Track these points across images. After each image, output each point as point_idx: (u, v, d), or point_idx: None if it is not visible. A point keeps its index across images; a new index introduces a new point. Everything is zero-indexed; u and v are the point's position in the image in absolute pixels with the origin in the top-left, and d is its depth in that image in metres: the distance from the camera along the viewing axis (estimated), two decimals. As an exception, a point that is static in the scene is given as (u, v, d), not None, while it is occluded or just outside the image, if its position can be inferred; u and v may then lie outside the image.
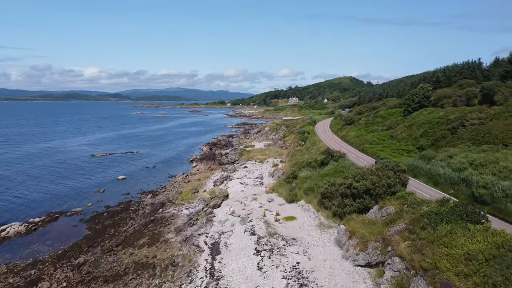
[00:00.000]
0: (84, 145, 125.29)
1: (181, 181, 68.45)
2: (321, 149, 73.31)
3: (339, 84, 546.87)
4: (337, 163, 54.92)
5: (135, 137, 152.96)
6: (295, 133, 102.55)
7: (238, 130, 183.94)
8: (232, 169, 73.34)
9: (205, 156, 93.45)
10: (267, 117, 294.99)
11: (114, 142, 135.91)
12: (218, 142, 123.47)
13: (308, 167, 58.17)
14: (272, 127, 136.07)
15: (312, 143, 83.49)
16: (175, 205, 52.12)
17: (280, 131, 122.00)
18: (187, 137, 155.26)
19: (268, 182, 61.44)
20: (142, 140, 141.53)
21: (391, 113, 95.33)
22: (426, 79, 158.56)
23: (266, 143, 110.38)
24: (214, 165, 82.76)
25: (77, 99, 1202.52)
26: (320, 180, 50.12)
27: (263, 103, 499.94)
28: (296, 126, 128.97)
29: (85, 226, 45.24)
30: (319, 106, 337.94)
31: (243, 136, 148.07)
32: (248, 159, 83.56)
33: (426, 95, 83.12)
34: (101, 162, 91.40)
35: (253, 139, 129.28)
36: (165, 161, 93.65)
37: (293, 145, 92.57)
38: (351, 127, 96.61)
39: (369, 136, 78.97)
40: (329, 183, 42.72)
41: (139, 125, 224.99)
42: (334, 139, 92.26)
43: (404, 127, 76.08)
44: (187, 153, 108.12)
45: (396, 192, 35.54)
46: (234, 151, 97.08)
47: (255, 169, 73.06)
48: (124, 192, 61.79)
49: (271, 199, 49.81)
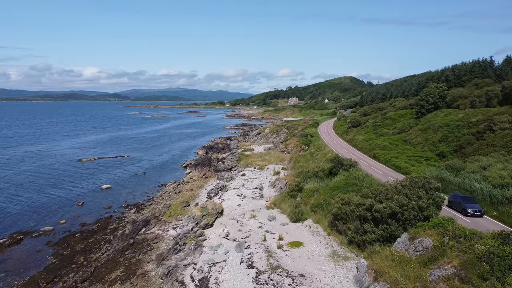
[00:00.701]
0: (73, 148, 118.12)
1: (172, 192, 61.24)
2: (327, 155, 66.16)
3: (339, 84, 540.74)
4: (348, 174, 47.77)
5: (128, 140, 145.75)
6: (298, 136, 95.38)
7: (237, 131, 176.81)
8: (229, 178, 66.13)
9: (200, 162, 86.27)
10: (267, 117, 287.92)
11: (106, 145, 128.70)
12: (215, 145, 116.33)
13: (314, 178, 51.01)
14: (273, 129, 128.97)
15: (317, 148, 76.29)
16: (161, 223, 44.89)
17: (281, 134, 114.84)
18: (183, 139, 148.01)
19: (268, 194, 54.22)
20: (136, 143, 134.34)
21: (401, 114, 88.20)
22: (434, 78, 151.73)
23: (266, 146, 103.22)
24: (210, 172, 75.55)
25: (76, 99, 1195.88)
26: (330, 194, 42.98)
27: (263, 104, 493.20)
28: (298, 128, 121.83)
29: (51, 251, 37.96)
30: (319, 106, 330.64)
31: (242, 138, 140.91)
32: (247, 165, 76.40)
33: (441, 95, 75.96)
34: (87, 168, 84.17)
35: (252, 142, 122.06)
36: (156, 167, 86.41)
37: (296, 149, 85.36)
38: (358, 130, 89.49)
39: (379, 141, 71.82)
40: (342, 201, 35.52)
41: (135, 126, 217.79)
42: (340, 143, 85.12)
43: (418, 130, 68.94)
44: (182, 157, 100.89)
45: (429, 217, 28.42)
46: (231, 155, 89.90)
47: (254, 178, 65.85)
48: (106, 205, 54.53)
49: (273, 217, 42.61)
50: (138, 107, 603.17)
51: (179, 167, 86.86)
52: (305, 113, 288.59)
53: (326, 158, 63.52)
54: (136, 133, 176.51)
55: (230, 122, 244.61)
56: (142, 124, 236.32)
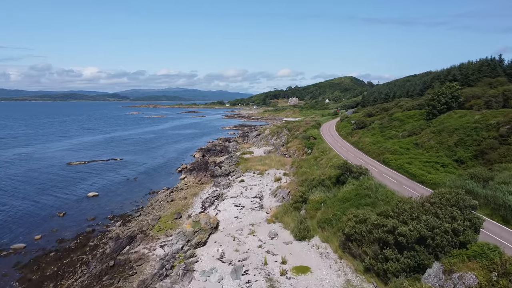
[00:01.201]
0: (65, 151, 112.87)
1: (163, 200, 56.07)
2: (333, 160, 61.01)
3: (340, 84, 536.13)
4: (359, 183, 42.62)
5: (124, 141, 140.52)
6: (300, 138, 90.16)
7: (236, 132, 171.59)
8: (226, 184, 60.93)
9: (196, 166, 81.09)
10: (266, 118, 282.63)
11: (100, 146, 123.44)
12: (212, 147, 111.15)
13: (320, 186, 45.90)
14: (273, 130, 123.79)
15: (321, 151, 71.08)
16: (148, 240, 39.71)
17: (281, 135, 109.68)
18: (180, 141, 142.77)
19: (269, 204, 49.05)
20: (131, 145, 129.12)
21: (410, 115, 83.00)
22: (440, 77, 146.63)
23: (266, 149, 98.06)
24: (206, 177, 70.39)
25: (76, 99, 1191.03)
26: (339, 207, 37.87)
27: (263, 104, 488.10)
28: (299, 129, 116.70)
29: (17, 275, 32.78)
30: (320, 106, 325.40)
31: (241, 140, 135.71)
32: (246, 170, 71.25)
33: (454, 95, 70.76)
34: (75, 173, 78.97)
35: (252, 144, 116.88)
36: (149, 171, 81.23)
37: (298, 153, 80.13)
38: (364, 132, 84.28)
39: (388, 144, 66.63)
40: (356, 218, 30.39)
41: (131, 127, 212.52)
42: (345, 146, 79.97)
43: (431, 133, 63.79)
44: (177, 160, 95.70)
45: (467, 243, 23.31)
46: (229, 159, 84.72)
47: (253, 184, 60.67)
48: (89, 217, 49.35)
49: (275, 234, 37.47)
50: (137, 107, 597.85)
51: (173, 171, 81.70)
52: (305, 113, 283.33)
53: (332, 163, 58.37)
54: (132, 134, 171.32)
55: (229, 123, 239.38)
56: (139, 125, 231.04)
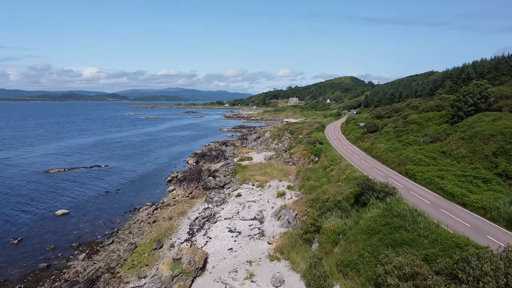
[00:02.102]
0: (47, 155, 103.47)
1: (144, 221, 46.77)
2: (346, 171, 51.66)
3: (340, 84, 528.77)
4: (386, 206, 33.37)
5: (114, 144, 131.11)
6: (304, 143, 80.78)
7: (234, 134, 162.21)
8: (220, 200, 51.57)
9: (188, 174, 71.78)
10: (266, 119, 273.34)
11: (86, 151, 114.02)
12: (208, 152, 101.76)
13: (336, 209, 36.61)
14: (274, 132, 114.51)
15: (330, 160, 61.68)
16: (113, 284, 30.42)
17: (283, 139, 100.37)
18: (174, 144, 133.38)
19: (271, 229, 39.71)
20: (121, 148, 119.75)
21: (428, 118, 73.81)
22: (452, 76, 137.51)
23: (267, 154, 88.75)
24: (197, 189, 61.09)
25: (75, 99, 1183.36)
26: (365, 243, 28.62)
27: (262, 104, 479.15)
28: (303, 132, 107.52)
29: None
30: (321, 107, 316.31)
31: (239, 143, 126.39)
32: (244, 181, 61.93)
33: (484, 94, 61.45)
34: (50, 183, 69.60)
35: (251, 148, 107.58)
36: (135, 181, 71.88)
37: (303, 160, 70.79)
38: (377, 137, 75.02)
39: (409, 152, 57.30)
40: (400, 271, 21.12)
41: (126, 128, 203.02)
42: (356, 152, 70.71)
43: (460, 139, 54.51)
44: (168, 167, 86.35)
45: None
46: (226, 166, 75.43)
47: (252, 201, 51.31)
48: (50, 245, 39.99)
49: (280, 280, 28.15)
50: (135, 107, 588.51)
51: (162, 181, 72.34)
52: (306, 114, 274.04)
53: (345, 175, 49.07)
54: (125, 136, 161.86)
55: (228, 124, 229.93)
56: (134, 126, 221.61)
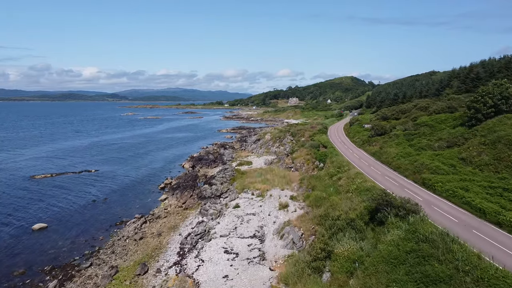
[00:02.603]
0: (36, 159, 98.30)
1: (130, 237, 41.65)
2: (356, 180, 46.50)
3: (340, 84, 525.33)
4: (409, 227, 28.28)
5: (108, 146, 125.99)
6: (307, 147, 75.55)
7: (233, 136, 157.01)
8: (216, 213, 46.40)
9: (182, 181, 66.65)
10: (266, 119, 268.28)
11: (79, 153, 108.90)
12: (205, 155, 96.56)
13: (349, 229, 31.47)
14: (274, 134, 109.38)
15: (337, 166, 56.46)
16: (84, 324, 25.31)
17: (285, 142, 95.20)
18: (171, 146, 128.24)
19: (274, 251, 34.53)
20: (114, 151, 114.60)
21: (441, 120, 68.76)
22: (459, 76, 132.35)
23: (268, 158, 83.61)
24: (192, 199, 55.98)
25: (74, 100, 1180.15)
26: (388, 277, 23.48)
27: (262, 104, 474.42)
28: (305, 134, 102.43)
29: None
30: (322, 107, 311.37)
31: (238, 145, 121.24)
32: (242, 190, 56.80)
33: (504, 95, 56.31)
34: (34, 190, 64.48)
35: (250, 152, 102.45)
36: (126, 188, 66.77)
37: (307, 166, 65.57)
38: (386, 140, 69.91)
39: (424, 158, 52.17)
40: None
41: (122, 130, 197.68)
42: (364, 157, 65.59)
43: (480, 144, 49.43)
44: (163, 172, 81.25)
45: None
46: (223, 172, 70.35)
47: (251, 213, 46.15)
48: (19, 268, 34.82)
49: (284, 323, 23.07)
50: (134, 108, 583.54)
51: (155, 188, 67.21)
52: (307, 115, 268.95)
53: (356, 185, 43.89)
54: (121, 137, 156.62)
55: (227, 125, 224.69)
56: (132, 127, 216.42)
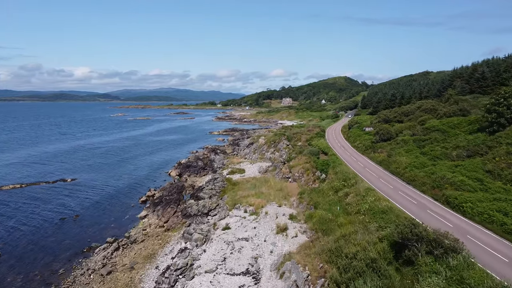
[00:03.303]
0: (10, 166, 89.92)
1: (97, 271, 34.17)
2: (367, 198, 39.45)
3: (334, 84, 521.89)
4: (452, 274, 21.35)
5: (92, 151, 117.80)
6: (306, 154, 68.42)
7: (225, 139, 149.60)
8: (201, 238, 39.02)
9: (166, 194, 59.16)
10: (260, 120, 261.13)
11: (58, 159, 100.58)
12: (194, 161, 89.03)
13: (369, 272, 24.42)
14: (269, 138, 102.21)
15: (342, 178, 49.38)
16: None
17: (280, 147, 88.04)
18: (158, 150, 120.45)
19: (271, 295, 27.46)
20: (97, 156, 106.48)
21: (454, 124, 62.21)
22: (462, 75, 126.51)
23: (262, 165, 76.47)
24: (176, 217, 48.60)
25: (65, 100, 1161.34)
26: None
27: (255, 104, 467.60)
28: (301, 138, 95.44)
29: None
30: (317, 108, 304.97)
31: (230, 149, 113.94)
32: (234, 205, 49.55)
33: (529, 97, 49.83)
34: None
35: (243, 157, 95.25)
36: (102, 202, 59.08)
37: (306, 177, 58.37)
38: (393, 147, 63.13)
39: (443, 169, 45.32)
40: None
41: (110, 132, 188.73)
42: (370, 167, 58.71)
43: (508, 154, 42.87)
44: (146, 182, 73.63)
45: None
46: (213, 182, 63.05)
47: (244, 238, 38.84)
48: None
49: None
50: (125, 108, 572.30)
51: (135, 201, 59.63)
52: (302, 116, 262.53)
53: (368, 205, 36.83)
54: (106, 140, 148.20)
55: (219, 126, 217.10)
56: (120, 129, 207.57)
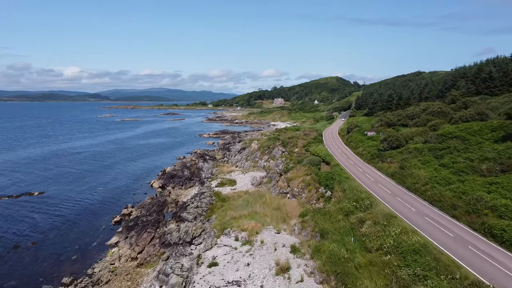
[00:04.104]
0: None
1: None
2: (390, 228, 31.50)
3: (326, 85, 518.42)
4: None
5: (69, 157, 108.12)
6: (306, 164, 60.20)
7: (215, 142, 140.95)
8: (180, 283, 30.39)
9: (144, 213, 50.51)
10: (252, 122, 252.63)
11: (30, 167, 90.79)
12: (180, 170, 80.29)
13: None
14: (262, 143, 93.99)
15: (353, 199, 41.17)
16: None
17: (275, 154, 79.82)
18: (143, 156, 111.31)
19: None
20: (75, 163, 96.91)
21: (473, 130, 54.76)
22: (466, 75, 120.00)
23: (255, 176, 68.25)
24: (152, 245, 40.11)
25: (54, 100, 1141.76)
26: None
27: (247, 104, 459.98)
28: (298, 143, 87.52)
29: None
30: (310, 108, 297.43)
31: (220, 154, 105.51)
32: (223, 230, 41.18)
33: None
34: None
35: (234, 164, 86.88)
36: (68, 224, 50.09)
37: (308, 193, 50.05)
38: (404, 156, 55.37)
39: (475, 188, 37.63)
40: None
41: (94, 135, 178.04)
42: (380, 179, 50.88)
43: (555, 170, 35.33)
44: (123, 196, 64.74)
45: None
46: (199, 198, 54.63)
47: (234, 282, 30.19)
48: None
49: None
50: (114, 108, 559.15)
51: (108, 222, 50.82)
52: (295, 117, 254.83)
53: (393, 240, 28.93)
54: (88, 144, 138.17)
55: (210, 128, 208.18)
56: (105, 131, 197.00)
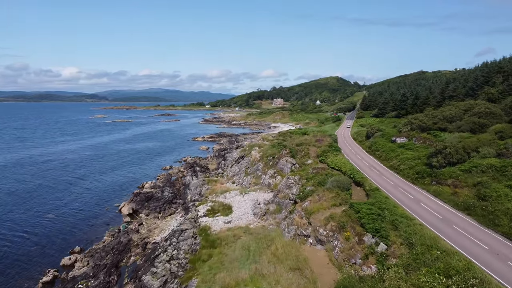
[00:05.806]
0: None
1: None
2: None
3: (326, 85, 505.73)
4: None
5: (39, 165, 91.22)
6: (331, 188, 42.66)
7: (210, 147, 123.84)
8: None
9: (92, 265, 33.74)
10: (251, 123, 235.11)
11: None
12: (162, 187, 63.23)
13: None
14: (265, 151, 77.01)
15: (438, 268, 24.01)
16: None
17: (283, 167, 62.67)
18: (124, 164, 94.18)
19: None
20: (39, 174, 79.80)
21: None
22: (502, 69, 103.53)
23: (258, 198, 51.33)
24: None
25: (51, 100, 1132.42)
26: None
27: (246, 105, 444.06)
28: (310, 152, 70.66)
29: None
30: (312, 109, 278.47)
31: (214, 164, 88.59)
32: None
33: None
34: None
35: (231, 178, 69.80)
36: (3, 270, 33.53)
37: (344, 242, 31.89)
38: (473, 176, 38.52)
39: None
40: None
41: (78, 138, 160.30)
42: (450, 216, 34.05)
43: None
44: (76, 228, 47.68)
45: None
46: (177, 238, 37.74)
47: None
48: None
49: None
50: (109, 109, 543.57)
51: (34, 282, 33.99)
52: (297, 118, 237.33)
53: None
54: (66, 150, 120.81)
55: (205, 130, 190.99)
56: (92, 134, 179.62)
